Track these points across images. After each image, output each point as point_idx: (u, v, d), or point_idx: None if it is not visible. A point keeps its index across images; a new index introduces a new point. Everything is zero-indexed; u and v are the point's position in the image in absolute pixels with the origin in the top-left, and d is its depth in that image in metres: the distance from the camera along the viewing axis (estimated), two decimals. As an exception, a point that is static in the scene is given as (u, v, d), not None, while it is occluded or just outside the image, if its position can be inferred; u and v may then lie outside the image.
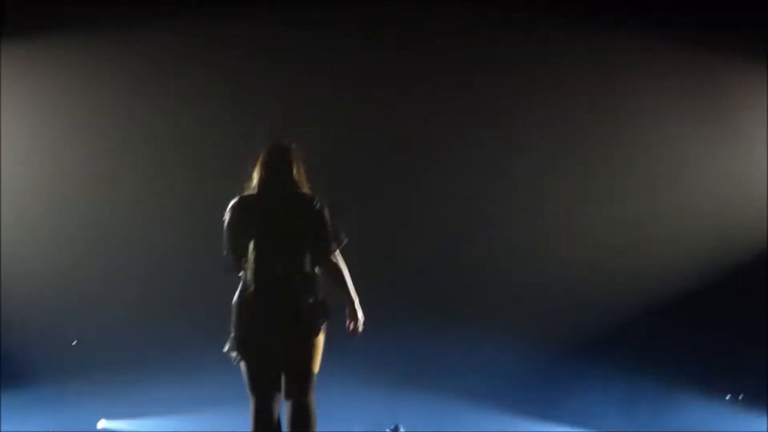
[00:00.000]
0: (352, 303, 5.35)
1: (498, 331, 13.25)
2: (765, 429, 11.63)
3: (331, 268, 5.23)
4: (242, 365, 5.14)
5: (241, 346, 5.10)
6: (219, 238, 5.43)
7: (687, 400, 13.32)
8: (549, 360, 13.62)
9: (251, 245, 5.17)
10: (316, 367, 5.20)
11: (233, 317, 5.23)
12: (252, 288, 5.10)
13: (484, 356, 13.51)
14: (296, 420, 4.99)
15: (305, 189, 5.35)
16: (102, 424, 14.06)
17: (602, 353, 13.48)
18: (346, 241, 5.31)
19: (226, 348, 5.23)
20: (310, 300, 5.07)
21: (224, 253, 5.32)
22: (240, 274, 5.27)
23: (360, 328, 5.33)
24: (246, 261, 5.19)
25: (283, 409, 5.34)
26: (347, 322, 5.40)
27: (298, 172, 5.37)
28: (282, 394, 5.16)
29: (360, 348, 5.68)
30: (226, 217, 5.31)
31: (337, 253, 5.29)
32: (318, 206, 5.21)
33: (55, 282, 12.85)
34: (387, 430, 12.12)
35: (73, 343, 13.73)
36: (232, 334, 5.21)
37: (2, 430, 12.33)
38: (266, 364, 5.07)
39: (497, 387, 13.56)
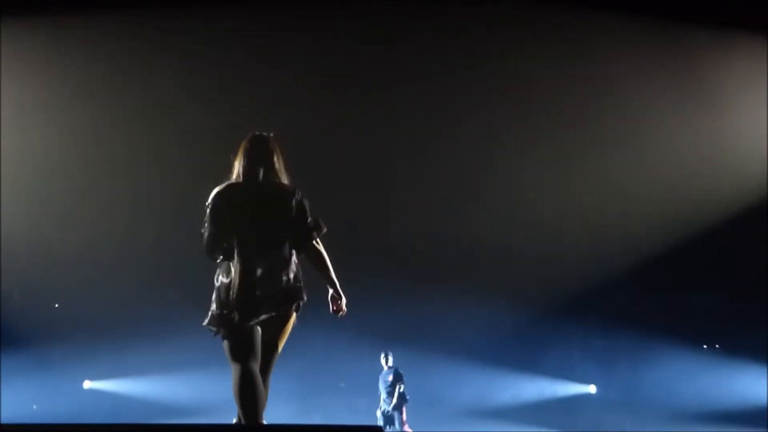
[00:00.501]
0: (335, 287, 5.44)
1: (480, 292, 13.37)
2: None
3: (313, 256, 5.38)
4: (224, 339, 5.27)
5: (222, 323, 5.25)
6: (200, 222, 5.42)
7: (665, 352, 13.49)
8: (530, 318, 13.76)
9: (234, 233, 5.27)
10: (281, 346, 5.39)
11: (215, 297, 5.33)
12: (235, 272, 5.24)
13: (467, 315, 13.64)
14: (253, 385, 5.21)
15: (285, 179, 5.43)
16: (87, 384, 14.28)
17: (582, 310, 13.64)
18: (325, 230, 5.41)
19: (206, 322, 5.30)
20: (290, 284, 5.26)
21: (204, 237, 5.36)
22: (219, 258, 5.37)
23: (344, 309, 5.49)
24: (226, 247, 5.29)
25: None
26: (331, 305, 5.48)
27: (278, 162, 5.43)
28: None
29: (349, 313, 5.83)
30: (209, 203, 5.34)
31: (318, 241, 5.40)
32: (299, 197, 5.33)
33: (42, 255, 12.83)
34: (382, 353, 12.34)
35: (55, 306, 13.82)
36: (213, 311, 5.29)
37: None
38: (244, 339, 5.23)
39: (480, 343, 13.75)
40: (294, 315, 5.34)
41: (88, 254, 12.99)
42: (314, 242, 5.35)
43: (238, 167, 5.38)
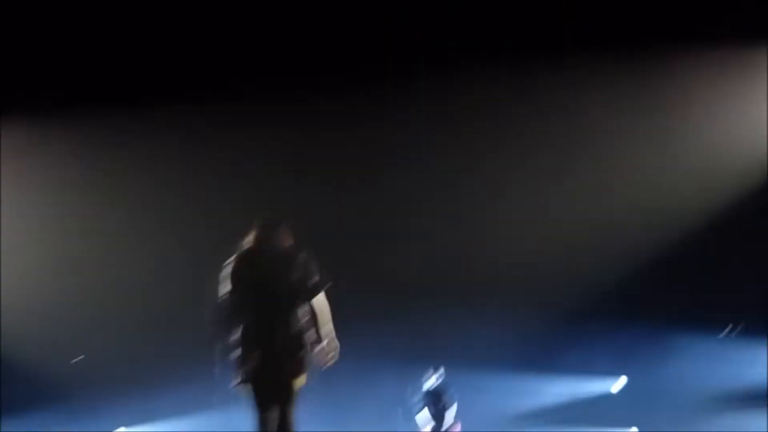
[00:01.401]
0: (331, 338, 5.97)
1: (499, 299, 13.49)
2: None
3: (320, 307, 5.92)
4: (248, 394, 5.87)
5: (248, 378, 5.82)
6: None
7: (683, 342, 13.58)
8: (548, 319, 13.84)
9: (253, 292, 5.82)
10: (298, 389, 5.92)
11: (238, 354, 5.83)
12: (254, 328, 5.79)
13: (488, 322, 13.74)
14: (281, 426, 5.87)
15: (289, 246, 5.97)
16: (121, 431, 14.41)
17: (602, 306, 13.74)
18: (330, 284, 5.95)
19: (234, 382, 5.85)
20: (297, 353, 5.82)
21: (223, 300, 5.87)
22: (235, 323, 5.86)
23: (334, 359, 5.99)
24: (246, 307, 5.81)
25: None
26: (322, 355, 5.97)
27: (285, 230, 6.04)
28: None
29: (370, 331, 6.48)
30: (231, 266, 5.88)
31: (323, 294, 5.95)
32: (305, 258, 5.90)
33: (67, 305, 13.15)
34: (431, 369, 12.30)
35: (79, 359, 13.97)
36: (238, 367, 5.82)
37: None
38: (266, 393, 5.83)
39: (503, 349, 13.86)
40: (297, 391, 5.89)
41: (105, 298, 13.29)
42: (320, 296, 5.91)
43: (252, 235, 5.97)
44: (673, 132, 12.38)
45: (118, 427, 14.33)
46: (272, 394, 5.77)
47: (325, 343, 5.90)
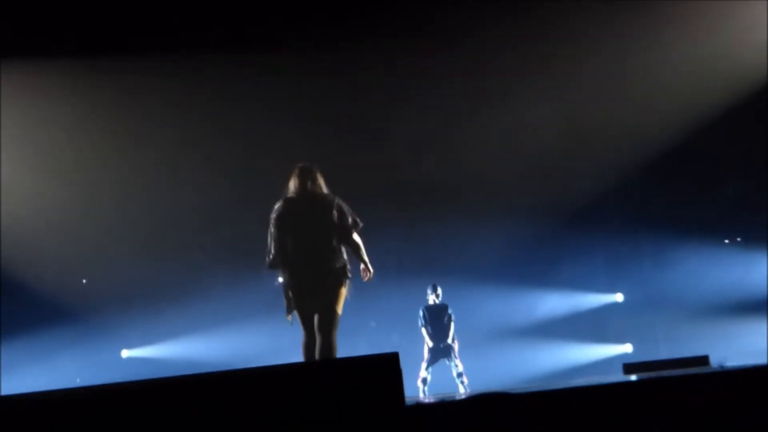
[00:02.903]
0: (366, 265, 7.48)
1: (497, 212, 13.51)
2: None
3: (352, 245, 7.35)
4: (297, 315, 7.25)
5: (293, 303, 7.23)
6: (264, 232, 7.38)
7: (690, 249, 13.55)
8: (550, 232, 13.85)
9: (294, 232, 7.23)
10: (340, 309, 7.21)
11: (284, 287, 7.28)
12: (295, 262, 7.19)
13: (487, 237, 13.74)
14: (322, 350, 7.10)
15: (326, 191, 7.41)
16: (125, 353, 14.58)
17: (603, 218, 13.74)
18: (361, 225, 7.38)
19: (287, 314, 7.27)
20: (337, 265, 7.23)
21: (270, 241, 7.27)
22: (278, 263, 7.30)
23: (370, 277, 7.52)
24: (285, 251, 7.22)
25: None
26: (362, 273, 7.51)
27: (320, 179, 7.43)
28: (315, 330, 7.22)
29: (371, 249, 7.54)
30: (274, 212, 7.29)
31: (357, 233, 7.36)
32: (338, 203, 7.30)
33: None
34: (429, 287, 12.35)
35: (83, 282, 14.08)
36: (288, 302, 7.24)
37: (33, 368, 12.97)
38: (308, 310, 7.18)
39: (502, 263, 13.90)
40: (345, 288, 7.23)
41: (109, 223, 13.34)
42: (353, 235, 7.29)
43: (292, 185, 7.36)
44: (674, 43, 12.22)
45: (122, 348, 14.55)
46: (311, 317, 7.12)
47: (365, 266, 7.40)
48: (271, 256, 7.28)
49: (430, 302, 12.29)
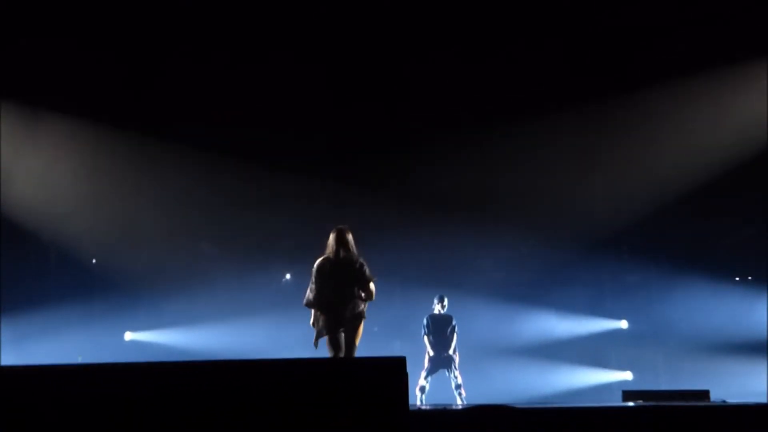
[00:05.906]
0: (365, 304, 9.45)
1: (509, 235, 13.58)
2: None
3: (366, 293, 9.36)
4: (326, 341, 9.27)
5: (324, 333, 9.24)
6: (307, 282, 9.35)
7: (697, 285, 13.58)
8: (559, 257, 13.88)
9: (328, 285, 9.29)
10: (357, 341, 9.30)
11: (320, 323, 9.26)
12: (329, 306, 9.23)
13: (497, 258, 13.82)
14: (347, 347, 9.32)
15: (355, 252, 9.42)
16: (128, 336, 14.66)
17: (613, 247, 13.80)
18: (376, 279, 9.37)
19: (316, 337, 9.25)
20: (357, 310, 9.29)
21: (312, 290, 9.23)
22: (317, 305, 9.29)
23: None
24: (324, 294, 9.26)
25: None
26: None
27: (351, 242, 9.42)
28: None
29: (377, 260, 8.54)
30: (315, 269, 9.32)
31: (372, 285, 9.37)
32: (361, 263, 9.34)
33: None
34: (436, 297, 12.36)
35: (93, 261, 14.21)
36: (319, 330, 9.28)
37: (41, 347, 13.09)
38: (336, 339, 9.26)
39: (510, 284, 13.96)
40: (361, 327, 9.28)
41: (123, 209, 13.48)
42: (370, 285, 9.31)
43: (330, 247, 9.36)
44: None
45: (125, 332, 14.66)
46: (338, 345, 9.17)
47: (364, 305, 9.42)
48: (311, 298, 9.28)
49: (436, 312, 12.29)
